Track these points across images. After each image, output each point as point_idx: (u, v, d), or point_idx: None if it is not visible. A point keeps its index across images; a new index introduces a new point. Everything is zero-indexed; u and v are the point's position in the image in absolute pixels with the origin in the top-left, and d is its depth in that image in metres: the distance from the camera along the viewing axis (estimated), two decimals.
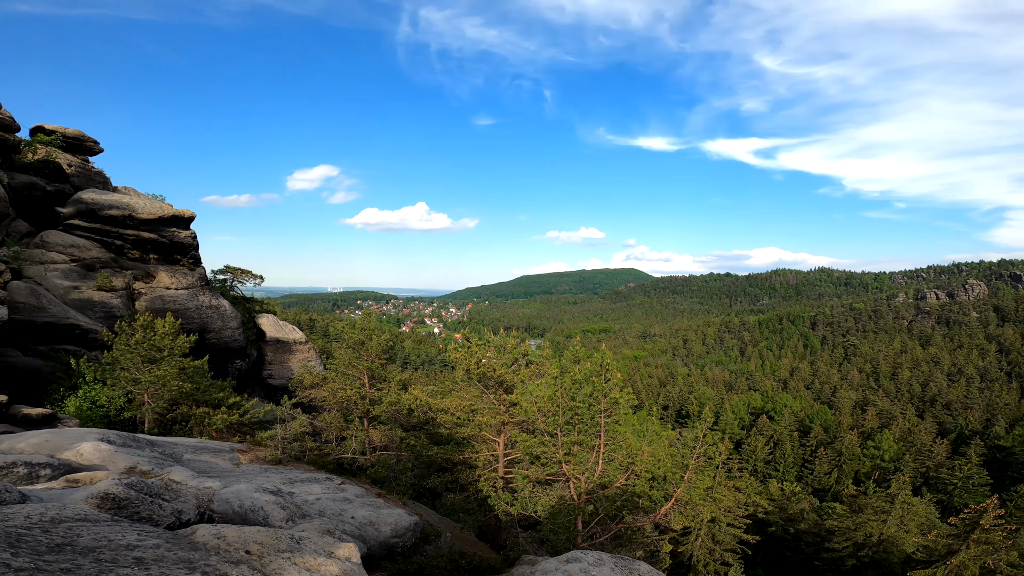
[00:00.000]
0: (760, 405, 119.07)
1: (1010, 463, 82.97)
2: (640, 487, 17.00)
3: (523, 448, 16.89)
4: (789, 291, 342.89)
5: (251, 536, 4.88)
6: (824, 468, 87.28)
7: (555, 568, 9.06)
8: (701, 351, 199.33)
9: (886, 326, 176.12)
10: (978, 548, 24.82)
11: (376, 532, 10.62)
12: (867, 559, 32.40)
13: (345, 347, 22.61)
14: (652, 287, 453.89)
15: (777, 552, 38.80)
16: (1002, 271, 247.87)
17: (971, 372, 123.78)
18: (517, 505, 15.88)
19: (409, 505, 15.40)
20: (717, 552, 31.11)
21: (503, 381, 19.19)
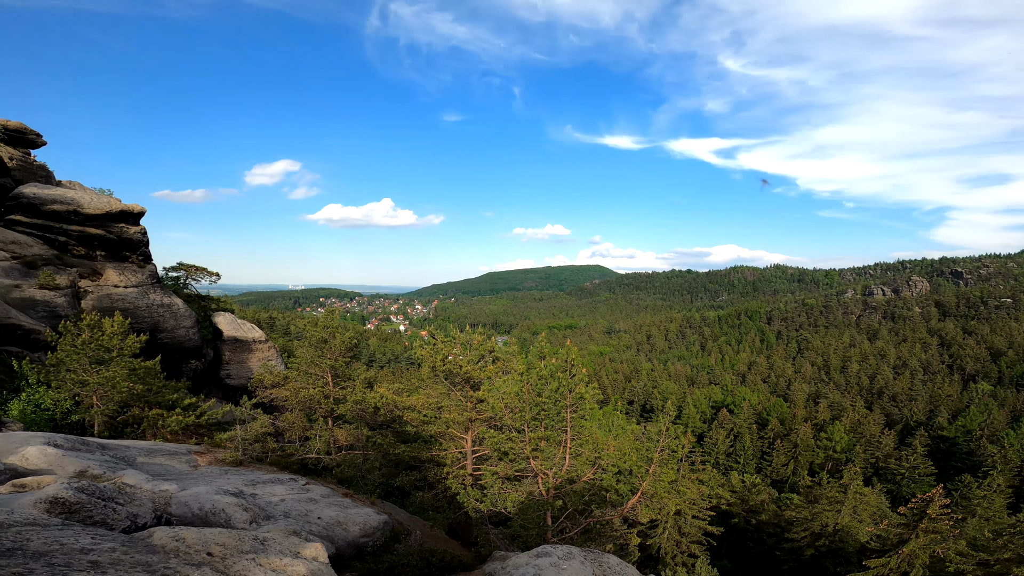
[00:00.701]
0: (720, 399, 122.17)
1: (953, 453, 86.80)
2: (607, 481, 17.29)
3: (491, 444, 16.94)
4: (747, 287, 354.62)
5: (212, 538, 4.76)
6: (781, 460, 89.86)
7: (525, 563, 9.16)
8: (664, 346, 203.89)
9: (836, 321, 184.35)
10: (927, 537, 25.60)
11: (344, 532, 10.52)
12: (825, 549, 33.23)
13: (307, 345, 22.18)
14: (617, 283, 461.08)
15: (741, 543, 39.59)
16: (943, 268, 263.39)
17: (915, 365, 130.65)
18: (487, 502, 15.92)
19: (377, 504, 15.24)
20: (684, 544, 31.72)
21: (470, 378, 19.16)
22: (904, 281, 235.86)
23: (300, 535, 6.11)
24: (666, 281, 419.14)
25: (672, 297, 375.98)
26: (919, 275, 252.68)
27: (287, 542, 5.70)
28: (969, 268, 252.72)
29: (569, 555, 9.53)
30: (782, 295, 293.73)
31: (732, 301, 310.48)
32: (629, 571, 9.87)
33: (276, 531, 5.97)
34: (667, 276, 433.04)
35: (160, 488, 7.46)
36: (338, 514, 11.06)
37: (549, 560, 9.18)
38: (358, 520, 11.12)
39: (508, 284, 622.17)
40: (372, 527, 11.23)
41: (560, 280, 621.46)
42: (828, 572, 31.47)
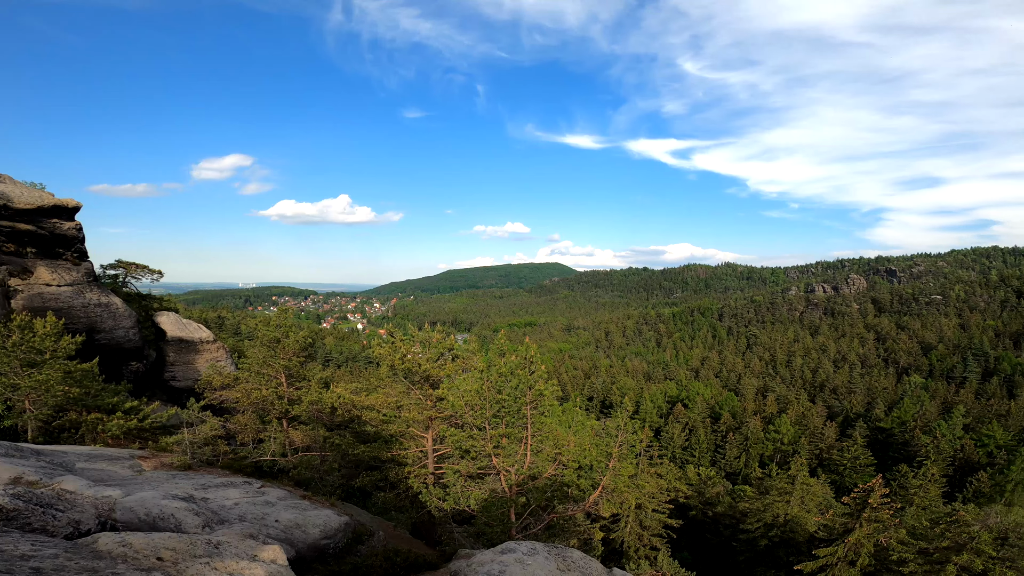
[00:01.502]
0: (676, 393, 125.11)
1: (890, 444, 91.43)
2: (568, 477, 17.53)
3: (452, 443, 16.91)
4: (699, 285, 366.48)
5: (162, 542, 4.61)
6: (734, 452, 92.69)
7: (490, 560, 9.19)
8: (622, 342, 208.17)
9: (782, 317, 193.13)
10: (870, 526, 26.58)
11: (304, 534, 10.33)
12: (777, 539, 34.34)
13: (259, 345, 21.49)
14: (575, 281, 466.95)
15: (699, 535, 40.50)
16: (879, 267, 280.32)
17: (853, 359, 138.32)
18: (449, 500, 15.87)
19: (338, 505, 15.01)
20: (645, 537, 32.36)
21: (429, 376, 19.04)
22: (843, 279, 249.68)
23: (257, 538, 5.96)
24: (623, 279, 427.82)
25: (629, 294, 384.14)
26: (857, 273, 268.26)
27: (243, 545, 5.57)
28: (902, 267, 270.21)
29: (533, 551, 9.65)
30: (732, 292, 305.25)
31: (686, 298, 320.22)
32: (592, 565, 10.04)
33: (231, 535, 5.81)
34: (624, 274, 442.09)
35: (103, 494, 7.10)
36: (297, 516, 10.84)
37: (514, 556, 9.25)
38: (318, 522, 10.93)
39: (468, 282, 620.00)
40: (333, 529, 11.07)
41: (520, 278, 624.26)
42: (781, 562, 32.44)
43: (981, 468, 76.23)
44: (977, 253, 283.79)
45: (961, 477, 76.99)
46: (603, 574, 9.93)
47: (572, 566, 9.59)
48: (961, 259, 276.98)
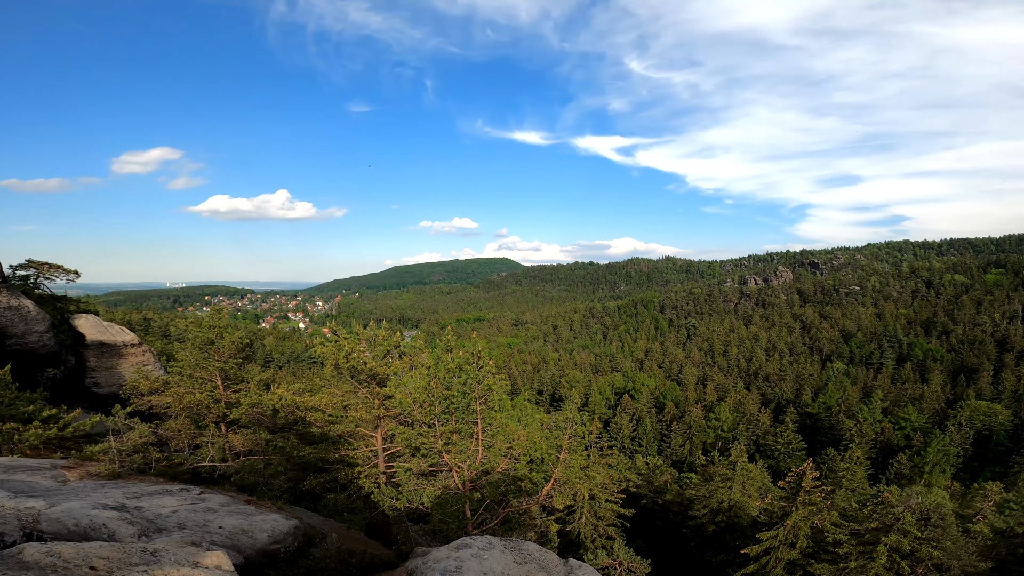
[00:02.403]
0: (622, 385, 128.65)
1: (818, 428, 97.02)
2: (521, 470, 17.71)
3: (402, 441, 16.75)
4: (642, 278, 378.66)
5: (94, 551, 4.38)
6: (679, 441, 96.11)
7: (446, 556, 9.19)
8: (569, 336, 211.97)
9: (718, 308, 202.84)
10: (805, 509, 27.77)
11: (252, 540, 10.06)
12: (723, 524, 35.51)
13: (191, 347, 20.45)
14: (523, 276, 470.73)
15: (651, 523, 41.46)
16: (804, 259, 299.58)
17: (782, 347, 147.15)
18: (403, 499, 15.72)
19: (286, 509, 14.62)
20: (601, 527, 32.91)
21: (376, 374, 18.77)
22: (772, 271, 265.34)
23: (200, 545, 5.77)
24: (570, 273, 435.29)
25: (576, 288, 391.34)
26: (784, 266, 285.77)
27: (183, 552, 5.38)
28: (824, 259, 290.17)
29: (489, 545, 9.71)
30: (673, 285, 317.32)
31: (630, 291, 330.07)
32: (548, 556, 10.20)
33: (170, 542, 5.59)
34: (571, 268, 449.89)
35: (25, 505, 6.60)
36: (242, 522, 10.55)
37: (470, 551, 9.29)
38: (265, 527, 10.68)
39: (415, 278, 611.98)
40: (282, 533, 10.86)
41: (468, 273, 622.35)
42: (729, 546, 33.61)
43: (900, 450, 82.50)
44: (890, 247, 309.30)
45: (883, 459, 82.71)
46: (559, 565, 10.10)
47: (528, 558, 9.72)
48: (876, 252, 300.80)
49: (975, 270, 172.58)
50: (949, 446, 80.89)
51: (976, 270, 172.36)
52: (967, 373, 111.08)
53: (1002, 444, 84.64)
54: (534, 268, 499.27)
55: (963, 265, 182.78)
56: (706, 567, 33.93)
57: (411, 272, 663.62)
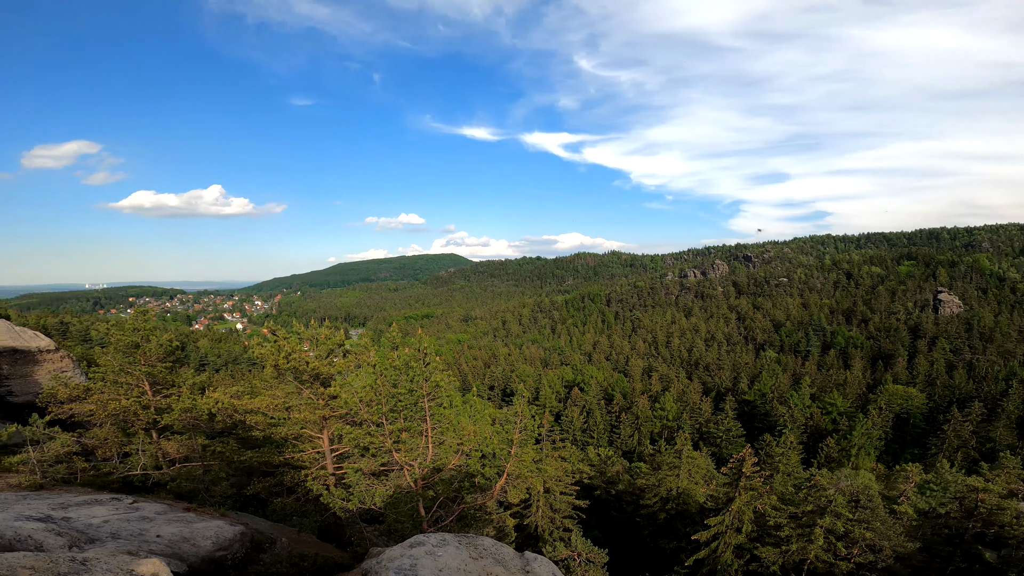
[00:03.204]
0: (572, 378, 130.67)
1: (755, 415, 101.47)
2: (473, 466, 17.60)
3: (350, 441, 16.28)
4: (589, 272, 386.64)
5: (19, 561, 3.97)
6: (628, 431, 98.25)
7: (400, 555, 9.10)
8: (518, 331, 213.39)
9: (660, 301, 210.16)
10: (747, 494, 28.86)
11: (195, 548, 9.67)
12: (673, 511, 36.47)
13: (114, 351, 19.04)
14: (471, 271, 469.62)
15: (606, 513, 42.10)
16: (738, 253, 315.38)
17: (720, 337, 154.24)
18: (354, 500, 15.32)
19: (230, 515, 13.99)
20: (557, 520, 33.21)
21: (319, 374, 18.16)
22: (710, 264, 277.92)
23: (138, 554, 5.34)
24: (518, 268, 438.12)
25: (524, 283, 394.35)
26: (720, 259, 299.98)
27: (115, 561, 4.97)
28: (756, 253, 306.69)
29: (443, 542, 9.67)
30: (618, 279, 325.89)
31: (577, 285, 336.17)
32: (504, 550, 10.21)
33: (102, 552, 5.15)
34: (519, 263, 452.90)
35: None
36: (182, 530, 10.17)
37: (424, 549, 9.24)
38: (208, 534, 10.32)
39: (360, 275, 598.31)
40: (227, 539, 10.51)
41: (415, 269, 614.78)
42: (680, 533, 34.56)
43: (829, 434, 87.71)
44: (814, 241, 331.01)
45: (813, 443, 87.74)
46: (515, 558, 10.12)
47: (484, 553, 9.70)
48: (802, 246, 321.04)
49: (890, 262, 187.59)
50: (872, 429, 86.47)
51: (891, 262, 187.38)
52: (884, 359, 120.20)
53: (919, 426, 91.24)
54: (483, 263, 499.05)
55: (879, 258, 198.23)
56: (660, 554, 34.80)
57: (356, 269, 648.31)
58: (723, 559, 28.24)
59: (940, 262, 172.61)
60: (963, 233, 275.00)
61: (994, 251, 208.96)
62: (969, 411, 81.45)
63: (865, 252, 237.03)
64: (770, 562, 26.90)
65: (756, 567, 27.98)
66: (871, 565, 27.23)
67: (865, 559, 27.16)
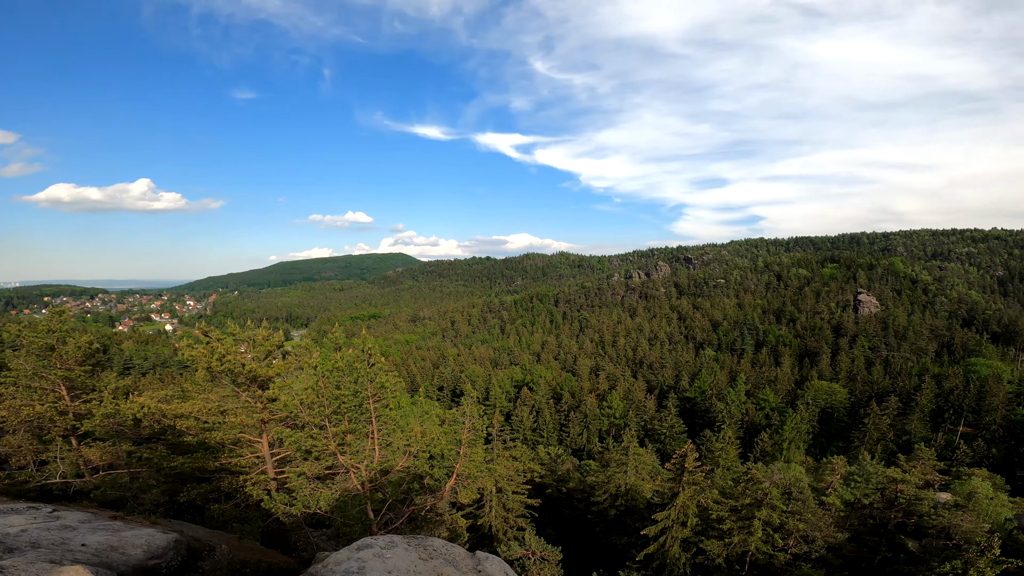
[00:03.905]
0: (521, 378, 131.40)
1: (696, 411, 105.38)
2: (421, 467, 17.46)
3: (291, 445, 15.80)
4: (538, 273, 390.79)
5: None
6: (576, 430, 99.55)
7: (347, 558, 8.96)
8: (468, 331, 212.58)
9: (607, 301, 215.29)
10: (690, 489, 29.75)
11: (124, 556, 9.35)
12: (623, 507, 37.08)
13: (27, 355, 17.65)
14: (420, 271, 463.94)
15: (558, 511, 42.44)
16: (679, 255, 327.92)
17: (663, 337, 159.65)
18: (298, 505, 14.89)
19: (162, 523, 13.42)
20: (511, 519, 33.21)
21: (257, 377, 17.46)
22: (653, 266, 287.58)
23: (61, 563, 5.06)
24: (467, 268, 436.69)
25: (473, 283, 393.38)
26: (663, 261, 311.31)
27: (35, 569, 4.72)
28: (696, 255, 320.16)
29: (392, 544, 9.58)
30: (566, 279, 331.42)
31: (525, 286, 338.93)
32: (455, 551, 10.19)
33: (20, 561, 4.87)
34: (468, 263, 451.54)
35: None
36: (110, 538, 9.82)
37: (372, 551, 9.14)
38: (139, 542, 10.00)
39: (303, 274, 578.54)
40: (160, 547, 10.20)
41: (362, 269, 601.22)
42: (630, 528, 35.27)
43: (763, 429, 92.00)
44: (749, 244, 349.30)
45: (749, 438, 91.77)
46: (466, 558, 10.13)
47: (434, 554, 9.68)
48: (738, 248, 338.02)
49: (815, 265, 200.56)
50: (800, 424, 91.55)
51: (816, 265, 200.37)
52: (811, 356, 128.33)
53: (842, 420, 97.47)
54: (432, 263, 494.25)
55: (805, 260, 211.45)
56: (612, 550, 35.49)
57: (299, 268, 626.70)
58: (671, 553, 29.08)
59: (860, 265, 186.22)
60: (880, 238, 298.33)
61: (908, 255, 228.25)
62: (886, 405, 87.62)
63: (794, 255, 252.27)
64: (715, 555, 27.91)
65: (702, 560, 28.97)
66: (806, 555, 28.63)
67: (800, 550, 28.53)
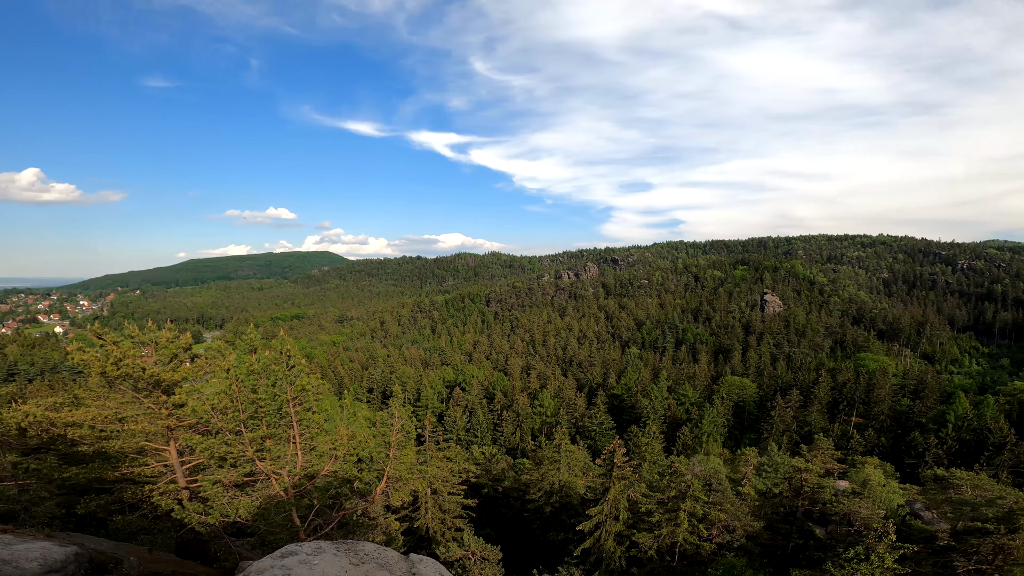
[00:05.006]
0: (453, 378, 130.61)
1: (623, 408, 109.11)
2: (349, 471, 17.02)
3: (203, 452, 14.80)
4: (469, 273, 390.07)
5: None
6: (510, 429, 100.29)
7: (271, 566, 8.57)
8: (398, 331, 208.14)
9: (537, 301, 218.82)
10: (620, 483, 30.48)
11: (18, 571, 9.15)
12: (558, 504, 37.44)
13: None
14: (348, 270, 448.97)
15: (495, 510, 42.28)
16: (607, 256, 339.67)
17: (591, 336, 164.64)
18: (214, 514, 13.99)
19: (58, 536, 12.63)
20: (448, 521, 32.78)
21: (160, 381, 16.33)
22: (582, 267, 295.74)
23: None
24: (397, 267, 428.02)
25: (403, 283, 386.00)
26: (592, 261, 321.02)
27: None
28: (622, 256, 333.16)
29: (319, 549, 9.29)
30: (497, 279, 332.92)
31: (457, 286, 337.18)
32: (388, 554, 9.98)
33: None
34: (399, 263, 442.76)
35: None
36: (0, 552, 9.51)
37: (297, 558, 8.81)
38: (33, 555, 9.74)
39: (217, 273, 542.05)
40: (58, 561, 9.91)
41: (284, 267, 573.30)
42: (565, 524, 35.77)
43: (684, 423, 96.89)
44: (670, 246, 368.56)
45: (672, 432, 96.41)
46: (400, 561, 9.92)
47: (366, 559, 9.44)
48: (660, 251, 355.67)
49: (728, 267, 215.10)
50: (717, 417, 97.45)
51: (728, 267, 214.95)
52: (724, 353, 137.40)
53: (753, 413, 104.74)
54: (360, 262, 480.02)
55: (720, 263, 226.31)
56: (551, 546, 35.95)
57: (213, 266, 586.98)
58: (607, 547, 29.95)
59: (766, 267, 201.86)
60: (784, 242, 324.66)
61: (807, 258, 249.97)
62: (790, 398, 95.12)
63: (710, 257, 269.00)
64: (647, 547, 29.04)
65: (636, 552, 30.04)
66: (729, 544, 30.38)
67: (723, 539, 30.25)
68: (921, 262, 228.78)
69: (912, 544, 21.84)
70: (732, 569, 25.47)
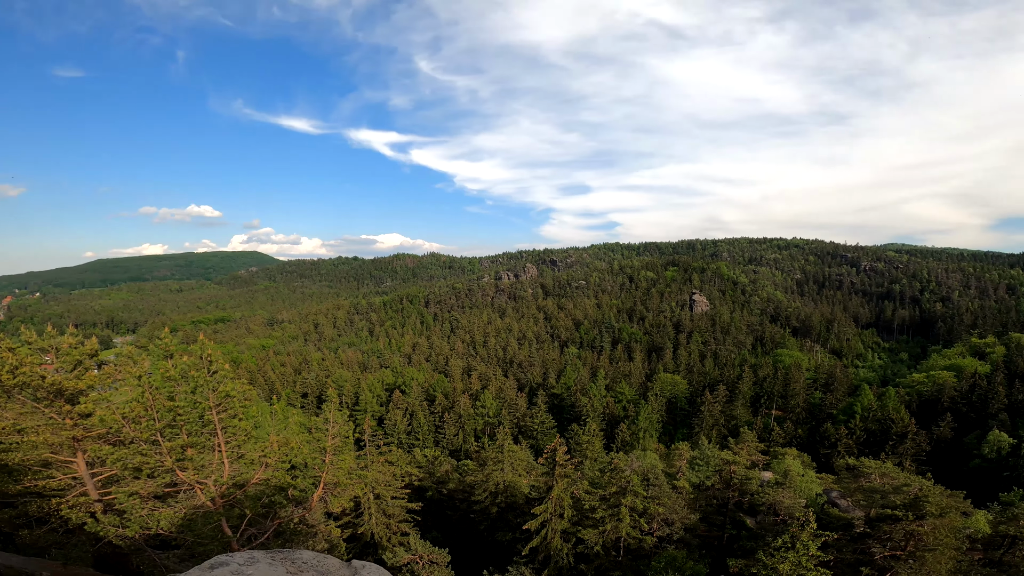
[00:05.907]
0: (392, 381, 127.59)
1: (563, 406, 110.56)
2: (282, 478, 16.24)
3: (115, 463, 13.69)
4: (408, 274, 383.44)
5: None
6: (452, 430, 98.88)
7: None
8: (333, 334, 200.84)
9: (477, 302, 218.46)
10: (563, 481, 30.85)
11: None
12: (503, 504, 37.41)
13: None
14: (278, 271, 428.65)
15: (440, 513, 41.87)
16: (546, 257, 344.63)
17: (531, 336, 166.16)
18: (133, 526, 12.97)
19: None
20: (393, 525, 32.00)
21: (63, 390, 15.03)
22: (522, 268, 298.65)
23: None
24: (333, 268, 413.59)
25: (339, 284, 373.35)
26: (531, 263, 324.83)
27: None
28: (560, 258, 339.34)
29: (252, 559, 8.76)
30: (437, 280, 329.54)
31: (395, 287, 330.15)
32: (328, 561, 9.60)
33: None
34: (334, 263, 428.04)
35: None
36: None
37: (228, 569, 8.30)
38: None
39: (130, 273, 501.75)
40: None
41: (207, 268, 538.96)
42: (512, 524, 35.64)
43: (621, 420, 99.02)
44: (606, 248, 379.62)
45: (611, 429, 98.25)
46: (341, 568, 9.51)
47: (304, 567, 8.99)
48: (597, 252, 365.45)
49: (660, 268, 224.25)
50: (652, 414, 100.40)
51: (660, 268, 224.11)
52: (657, 351, 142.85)
53: (684, 409, 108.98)
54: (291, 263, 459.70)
55: (652, 264, 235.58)
56: (499, 547, 35.73)
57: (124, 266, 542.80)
58: (554, 544, 30.17)
59: (694, 268, 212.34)
60: (710, 245, 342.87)
61: (731, 260, 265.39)
62: (717, 393, 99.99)
63: (643, 259, 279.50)
64: (592, 543, 29.51)
65: (583, 549, 30.45)
66: (668, 537, 31.34)
67: (663, 532, 31.16)
68: (829, 264, 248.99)
69: (832, 532, 23.21)
70: (674, 562, 26.36)
